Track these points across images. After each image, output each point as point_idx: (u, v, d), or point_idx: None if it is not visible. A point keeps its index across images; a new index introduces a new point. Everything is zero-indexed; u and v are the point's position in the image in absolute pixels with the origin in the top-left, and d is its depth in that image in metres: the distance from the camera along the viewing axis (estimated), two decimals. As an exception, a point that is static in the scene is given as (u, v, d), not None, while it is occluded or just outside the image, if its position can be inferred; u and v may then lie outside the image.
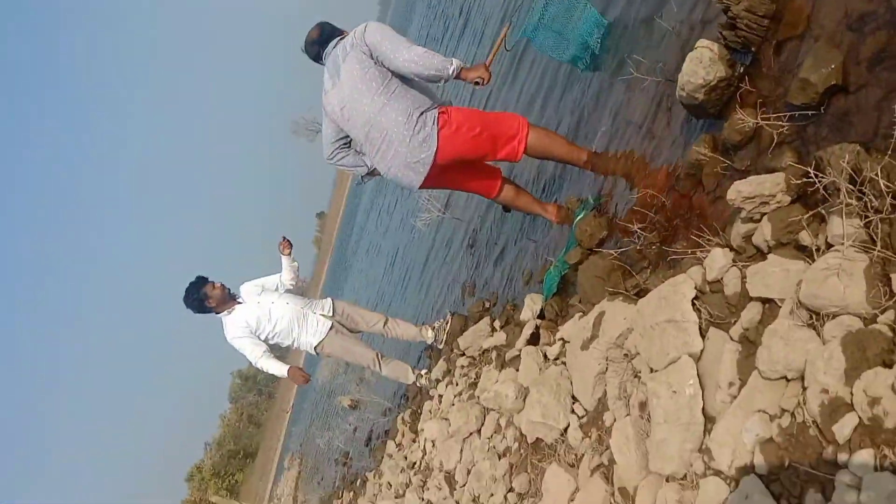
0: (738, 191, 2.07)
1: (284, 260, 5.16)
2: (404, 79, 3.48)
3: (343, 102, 3.54)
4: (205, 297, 4.87)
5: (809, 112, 2.04)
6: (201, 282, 4.92)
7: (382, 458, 6.92)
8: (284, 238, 5.19)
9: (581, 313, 3.22)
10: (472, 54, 9.04)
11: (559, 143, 3.73)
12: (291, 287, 5.20)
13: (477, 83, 3.56)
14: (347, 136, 3.79)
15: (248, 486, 52.04)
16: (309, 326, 5.06)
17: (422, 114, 3.45)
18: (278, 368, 4.89)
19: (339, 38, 3.59)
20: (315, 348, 5.10)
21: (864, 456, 1.50)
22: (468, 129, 3.51)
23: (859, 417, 1.55)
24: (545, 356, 3.42)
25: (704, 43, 2.45)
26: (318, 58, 3.68)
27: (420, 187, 3.66)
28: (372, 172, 3.86)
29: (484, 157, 3.65)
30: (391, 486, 5.90)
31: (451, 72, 3.39)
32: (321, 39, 3.64)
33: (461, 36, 11.19)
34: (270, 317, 4.92)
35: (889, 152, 1.71)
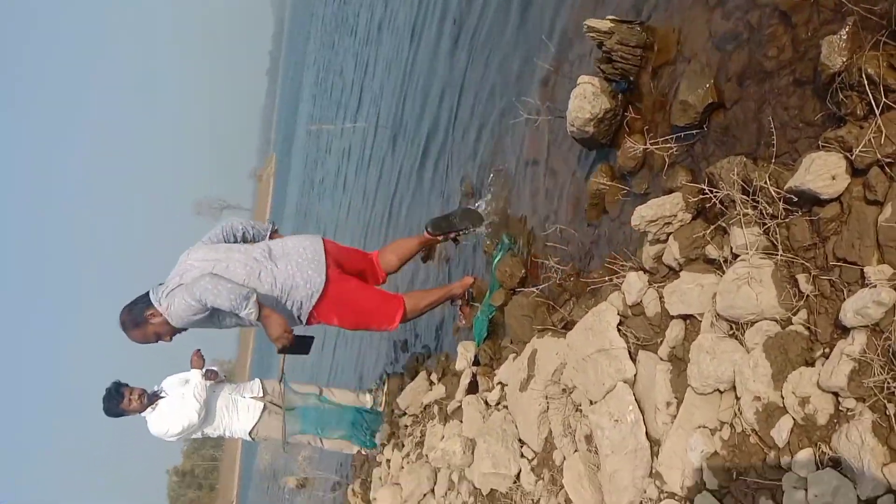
0: (641, 215, 2.13)
1: (194, 373, 4.70)
2: None
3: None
4: (127, 406, 4.57)
5: (693, 131, 2.14)
6: (118, 391, 4.61)
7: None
8: (198, 351, 4.82)
9: (514, 354, 3.21)
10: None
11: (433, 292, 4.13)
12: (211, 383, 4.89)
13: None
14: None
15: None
16: (240, 412, 4.83)
17: None
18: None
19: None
20: (250, 434, 4.87)
21: (805, 456, 1.53)
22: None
23: (793, 419, 1.58)
24: (486, 403, 3.39)
25: (585, 78, 2.55)
26: (134, 326, 3.43)
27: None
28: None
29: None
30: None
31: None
32: (140, 301, 3.42)
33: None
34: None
35: (773, 160, 1.80)
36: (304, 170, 24.62)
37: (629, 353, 2.26)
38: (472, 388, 3.60)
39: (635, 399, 2.18)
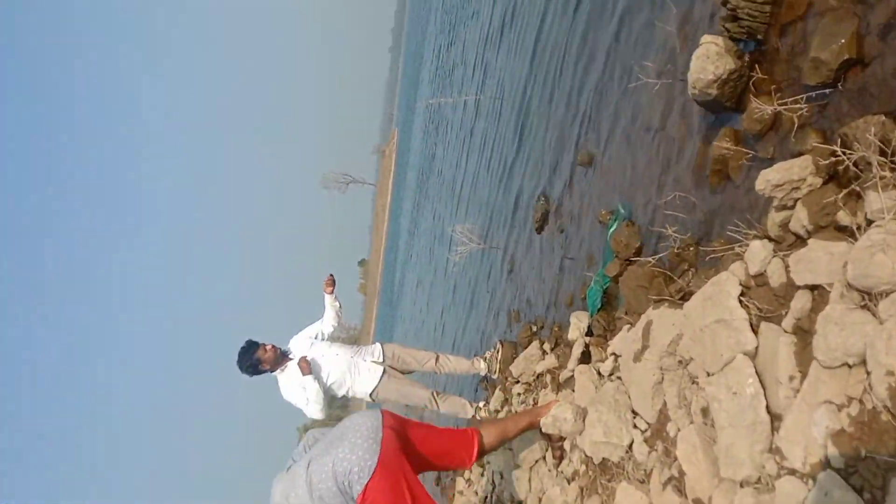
0: (767, 180, 2.03)
1: (327, 299, 5.20)
2: None
3: None
4: (258, 362, 4.93)
5: (826, 90, 2.00)
6: (252, 347, 4.98)
7: (454, 495, 6.84)
8: (330, 276, 5.26)
9: (629, 325, 3.16)
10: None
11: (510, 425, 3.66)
12: (334, 328, 5.23)
13: None
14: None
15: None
16: (361, 374, 5.07)
17: None
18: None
19: None
20: (370, 395, 5.10)
21: (943, 436, 1.43)
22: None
23: (930, 396, 1.48)
24: (599, 373, 3.37)
25: (709, 38, 2.43)
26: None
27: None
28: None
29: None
30: (466, 524, 5.82)
31: None
32: None
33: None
34: (322, 368, 4.95)
35: (916, 118, 1.66)
36: (423, 144, 25.03)
37: (750, 324, 2.17)
38: (585, 359, 3.59)
39: (756, 372, 2.10)
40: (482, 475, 5.60)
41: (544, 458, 3.87)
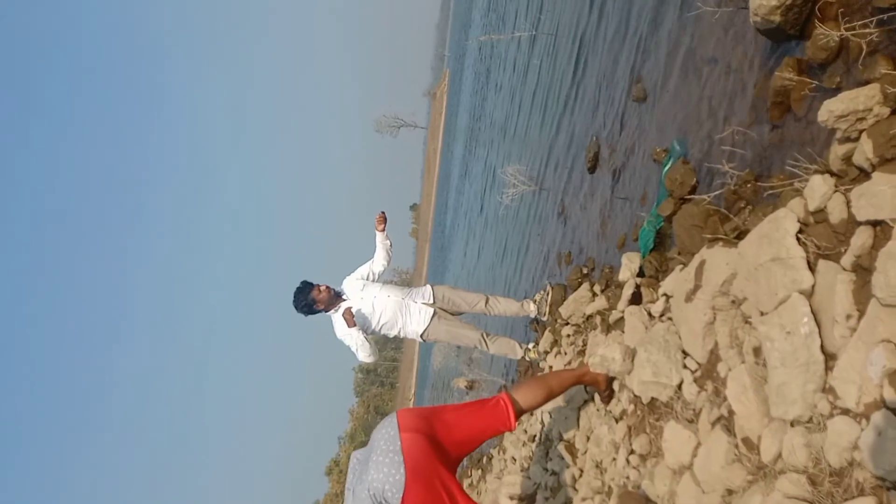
0: (830, 110, 1.93)
1: (378, 236, 5.24)
2: None
3: None
4: (313, 302, 5.06)
5: (900, 12, 1.87)
6: (307, 287, 5.10)
7: (504, 433, 6.99)
8: (381, 213, 5.29)
9: (681, 265, 3.11)
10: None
11: (554, 383, 3.45)
12: (384, 267, 5.30)
13: None
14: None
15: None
16: (412, 316, 5.16)
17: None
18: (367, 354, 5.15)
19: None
20: (421, 336, 5.20)
21: None
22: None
23: None
24: (649, 314, 3.33)
25: (772, -40, 2.29)
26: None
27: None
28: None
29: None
30: (515, 460, 5.95)
31: None
32: None
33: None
34: (374, 310, 5.06)
35: None
36: (475, 85, 24.66)
37: (807, 262, 2.11)
38: (635, 300, 3.55)
39: (811, 311, 2.04)
40: (531, 414, 5.68)
41: (593, 398, 3.89)
